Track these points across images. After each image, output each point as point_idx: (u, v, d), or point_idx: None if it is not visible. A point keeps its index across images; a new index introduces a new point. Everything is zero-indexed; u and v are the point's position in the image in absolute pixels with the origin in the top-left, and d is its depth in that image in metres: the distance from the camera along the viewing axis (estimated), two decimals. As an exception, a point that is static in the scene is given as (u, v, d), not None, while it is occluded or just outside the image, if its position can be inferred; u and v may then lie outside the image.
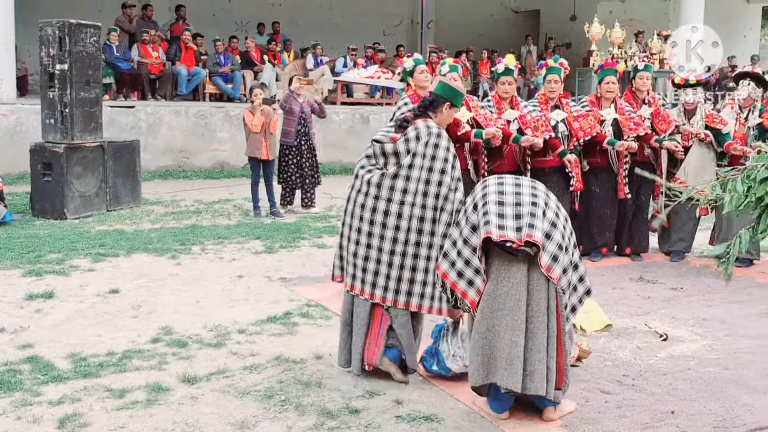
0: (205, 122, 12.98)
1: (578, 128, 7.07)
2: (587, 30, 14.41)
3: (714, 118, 7.26)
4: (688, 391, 4.21)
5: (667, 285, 6.44)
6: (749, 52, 20.20)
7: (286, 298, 5.90)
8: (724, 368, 4.57)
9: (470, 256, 3.76)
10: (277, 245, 7.70)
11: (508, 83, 6.84)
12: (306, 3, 18.65)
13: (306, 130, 9.53)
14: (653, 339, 5.04)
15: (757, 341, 5.05)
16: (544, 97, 7.18)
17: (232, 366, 4.47)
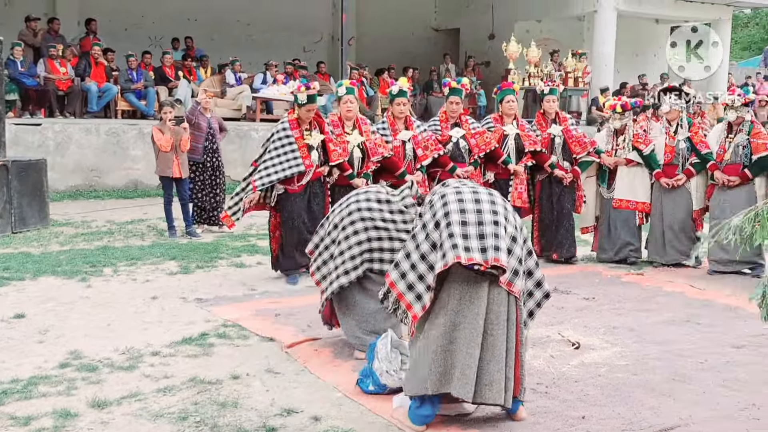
0: (117, 140, 12.64)
1: (475, 144, 7.60)
2: (505, 49, 14.78)
3: (639, 138, 7.68)
4: (598, 396, 4.33)
5: (580, 295, 6.61)
6: (659, 71, 20.92)
7: (202, 319, 5.79)
8: (632, 374, 4.71)
9: (425, 272, 3.81)
10: (193, 265, 7.57)
11: (402, 104, 7.30)
12: (223, 18, 18.43)
13: (214, 146, 9.37)
14: (566, 348, 5.16)
15: (663, 347, 5.23)
16: (445, 115, 7.67)
17: (145, 389, 4.36)
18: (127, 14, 17.06)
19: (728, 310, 6.28)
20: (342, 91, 7.08)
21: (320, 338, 5.30)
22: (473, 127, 7.71)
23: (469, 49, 20.81)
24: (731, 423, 4.02)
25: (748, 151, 7.17)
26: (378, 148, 7.10)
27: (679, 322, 5.88)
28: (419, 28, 21.95)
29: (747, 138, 7.18)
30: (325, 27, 20.43)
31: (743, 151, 7.17)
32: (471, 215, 3.82)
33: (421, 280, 3.81)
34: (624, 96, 12.92)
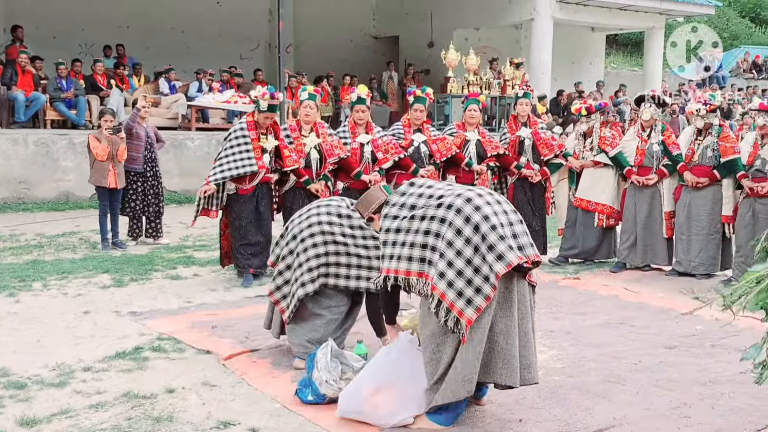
0: (46, 151, 12.32)
1: (436, 150, 7.86)
2: (444, 57, 14.88)
3: (605, 140, 7.97)
4: (535, 399, 4.37)
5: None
6: (595, 79, 21.47)
7: (136, 333, 5.66)
8: (569, 376, 4.78)
9: (472, 275, 3.81)
10: (127, 278, 7.41)
11: (361, 111, 7.61)
12: (157, 25, 18.14)
13: (153, 156, 9.24)
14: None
15: (598, 350, 5.32)
16: (409, 121, 7.95)
17: (76, 405, 4.23)
18: (56, 21, 16.69)
19: (661, 312, 6.42)
20: (304, 96, 7.40)
21: (258, 349, 5.24)
22: (434, 134, 8.04)
23: (408, 57, 20.96)
24: (664, 422, 4.09)
25: (717, 154, 7.37)
26: (334, 150, 7.41)
27: (614, 325, 6.00)
28: (358, 36, 22.01)
29: (716, 141, 7.38)
30: (262, 34, 20.31)
31: (712, 154, 7.37)
32: (503, 217, 3.93)
33: (469, 285, 3.81)
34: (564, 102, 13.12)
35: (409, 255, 3.94)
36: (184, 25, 18.62)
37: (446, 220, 3.89)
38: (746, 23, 33.90)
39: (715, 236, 7.50)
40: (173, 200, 12.63)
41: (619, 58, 31.23)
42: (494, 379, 3.93)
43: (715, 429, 4.01)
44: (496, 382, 3.95)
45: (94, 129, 12.49)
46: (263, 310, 6.17)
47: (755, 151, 7.15)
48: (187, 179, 13.32)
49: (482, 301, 3.78)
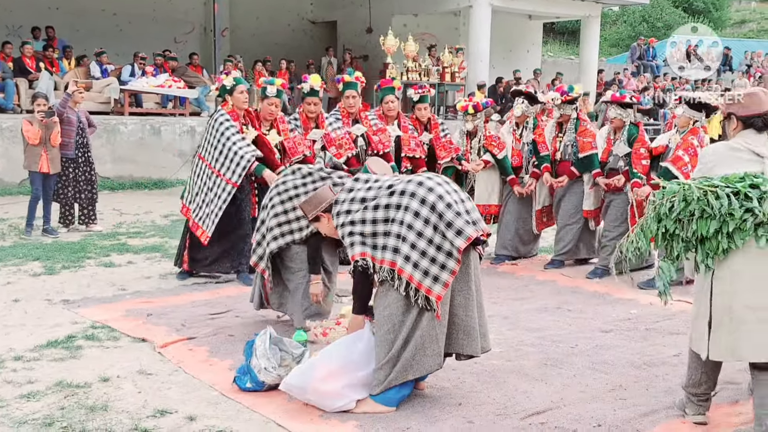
0: None
1: (378, 141, 7.42)
2: (382, 43, 14.85)
3: (492, 141, 7.70)
4: (474, 383, 4.43)
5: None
6: (532, 67, 21.72)
7: (69, 321, 5.53)
8: (507, 360, 4.84)
9: (436, 254, 3.92)
10: (59, 266, 7.23)
11: (313, 103, 7.18)
12: (88, 7, 17.66)
13: (85, 141, 9.02)
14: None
15: (536, 334, 5.41)
16: (345, 111, 7.47)
17: (7, 395, 4.13)
18: (-18, 2, 16.12)
19: (596, 297, 6.52)
20: (271, 92, 6.80)
21: (195, 337, 5.18)
22: (373, 124, 7.56)
23: (347, 43, 20.87)
24: (600, 404, 4.16)
25: (576, 149, 7.27)
26: (298, 147, 6.97)
27: (551, 309, 6.09)
28: (295, 21, 21.83)
29: (575, 136, 7.29)
30: (197, 18, 19.96)
31: (571, 150, 7.32)
32: (454, 195, 4.04)
33: (433, 263, 3.90)
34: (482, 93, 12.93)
35: (373, 243, 4.01)
36: (116, 7, 18.18)
37: (401, 205, 3.98)
38: (680, 13, 34.60)
39: (575, 226, 7.44)
40: (106, 186, 12.34)
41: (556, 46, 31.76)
42: (456, 350, 4.10)
43: (649, 410, 4.10)
44: (459, 353, 4.11)
45: (22, 113, 12.17)
46: (199, 298, 6.15)
47: (608, 147, 7.05)
48: (120, 165, 13.07)
49: (449, 277, 3.92)
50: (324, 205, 4.32)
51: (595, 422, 3.91)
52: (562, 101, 7.32)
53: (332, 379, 4.00)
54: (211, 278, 6.84)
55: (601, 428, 3.86)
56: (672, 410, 4.10)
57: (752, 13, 40.70)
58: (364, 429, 3.81)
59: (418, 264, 3.91)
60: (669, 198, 3.62)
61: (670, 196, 3.63)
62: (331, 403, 3.99)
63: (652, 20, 33.54)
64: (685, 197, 3.57)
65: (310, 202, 4.40)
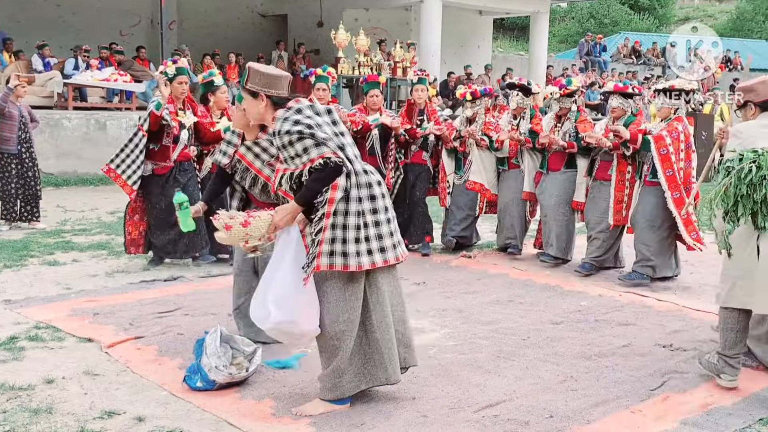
0: None
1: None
2: (334, 37, 14.74)
3: (489, 126, 7.75)
4: (428, 377, 4.42)
5: (411, 280, 6.69)
6: (483, 62, 21.87)
7: (10, 322, 5.38)
8: (460, 353, 4.85)
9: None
10: (0, 265, 7.04)
11: (322, 89, 7.34)
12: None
13: (27, 136, 8.85)
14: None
15: (489, 327, 5.43)
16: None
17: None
18: None
19: (548, 289, 6.56)
20: (219, 81, 7.19)
21: (143, 337, 5.08)
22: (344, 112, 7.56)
23: (297, 36, 20.76)
24: (552, 395, 4.21)
25: (575, 138, 7.22)
26: None
27: (503, 302, 6.11)
28: (245, 14, 21.62)
29: (574, 125, 7.28)
30: (144, 9, 19.62)
31: (570, 138, 7.26)
32: (385, 214, 3.84)
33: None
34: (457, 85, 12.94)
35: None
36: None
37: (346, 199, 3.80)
38: (626, 10, 35.34)
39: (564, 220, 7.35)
40: (50, 183, 12.08)
41: (506, 42, 32.05)
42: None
43: (600, 400, 4.15)
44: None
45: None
46: (147, 296, 6.05)
47: (606, 134, 6.98)
48: (63, 161, 12.79)
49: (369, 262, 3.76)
50: (276, 86, 3.91)
51: (548, 413, 3.95)
52: (561, 95, 7.35)
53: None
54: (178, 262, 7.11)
55: (553, 419, 3.89)
56: (623, 400, 4.16)
57: (695, 10, 41.80)
58: (318, 427, 3.78)
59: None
60: (747, 163, 4.00)
61: (748, 162, 4.00)
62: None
63: (600, 17, 34.12)
64: (759, 163, 3.98)
65: (269, 74, 3.93)
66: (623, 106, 6.93)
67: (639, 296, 6.37)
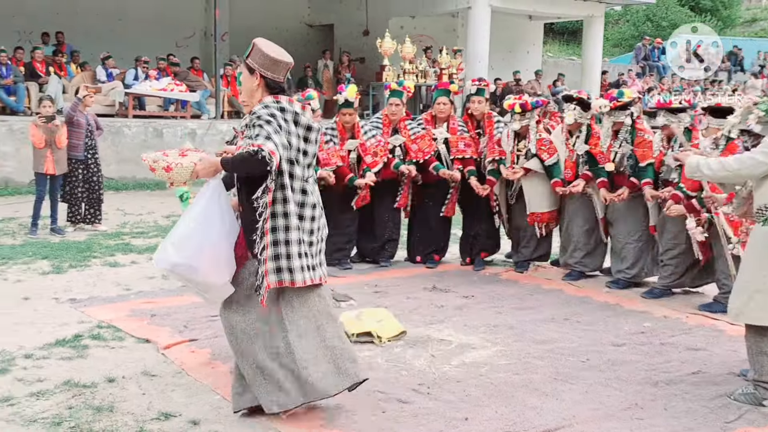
0: None
1: (417, 150, 7.36)
2: (379, 45, 14.80)
3: (543, 144, 7.13)
4: (480, 397, 4.27)
5: (459, 293, 6.59)
6: (533, 68, 21.33)
7: (75, 320, 5.55)
8: (514, 373, 4.65)
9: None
10: (66, 265, 7.26)
11: (349, 114, 7.24)
12: (95, 12, 17.69)
13: (93, 143, 9.18)
14: (446, 347, 5.14)
15: (544, 346, 5.19)
16: (387, 118, 7.49)
17: (18, 393, 4.15)
18: (-5, 8, 16.16)
19: (606, 308, 6.26)
20: (315, 105, 7.15)
21: (197, 339, 5.17)
22: (413, 133, 7.46)
23: (343, 45, 20.79)
24: (615, 423, 3.97)
25: (633, 161, 6.67)
26: (331, 158, 7.10)
27: (559, 320, 5.85)
28: (293, 24, 21.80)
29: (631, 148, 6.67)
30: (198, 22, 19.98)
31: (628, 162, 6.69)
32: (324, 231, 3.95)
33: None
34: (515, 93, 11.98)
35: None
36: (121, 12, 18.21)
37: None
38: (686, 12, 32.49)
39: (638, 244, 6.88)
40: (110, 187, 12.39)
41: (556, 46, 31.12)
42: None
43: (669, 431, 3.92)
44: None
45: (32, 115, 12.34)
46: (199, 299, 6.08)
47: (660, 157, 6.50)
48: (123, 166, 13.17)
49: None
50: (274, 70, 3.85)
51: (611, 443, 3.75)
52: (611, 108, 6.66)
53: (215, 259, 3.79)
54: None
55: (617, 450, 3.69)
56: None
57: (763, 11, 38.17)
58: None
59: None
60: None
61: None
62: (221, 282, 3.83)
63: (657, 19, 31.36)
64: None
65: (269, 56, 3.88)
66: (673, 123, 6.29)
67: (709, 319, 5.97)
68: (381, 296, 6.47)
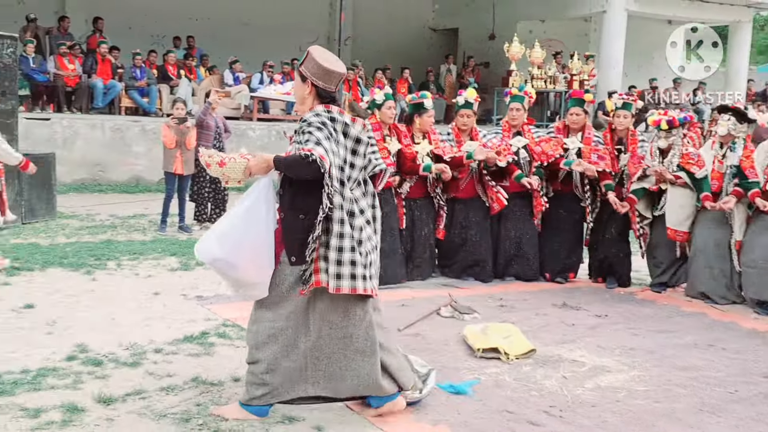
0: (121, 136, 12.73)
1: (540, 152, 7.14)
2: (507, 49, 14.52)
3: (690, 158, 6.76)
4: (618, 424, 4.04)
5: (591, 312, 6.32)
6: (670, 75, 20.28)
7: (202, 317, 5.65)
8: (655, 401, 4.40)
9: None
10: (193, 262, 7.39)
11: (467, 116, 7.13)
12: (223, 17, 18.36)
13: (221, 145, 9.43)
14: (579, 368, 4.91)
15: (687, 373, 4.89)
16: (508, 124, 7.32)
17: (149, 387, 4.24)
18: (131, 12, 17.09)
19: (755, 336, 5.85)
20: (429, 104, 7.04)
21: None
22: (537, 136, 7.28)
23: (467, 50, 20.66)
24: (770, 462, 3.70)
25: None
26: (446, 154, 7.02)
27: (703, 347, 5.49)
28: (416, 28, 21.88)
29: None
30: (322, 26, 20.37)
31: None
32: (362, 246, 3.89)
33: None
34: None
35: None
36: (249, 17, 18.77)
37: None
38: None
39: None
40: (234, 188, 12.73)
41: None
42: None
43: None
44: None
45: (163, 116, 12.90)
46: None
47: None
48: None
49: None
50: (326, 80, 3.80)
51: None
52: None
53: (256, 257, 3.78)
54: None
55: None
56: None
57: None
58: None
59: None
60: None
61: None
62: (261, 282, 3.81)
63: None
64: None
65: (322, 66, 3.81)
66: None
67: None
68: (507, 311, 6.27)
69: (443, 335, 5.44)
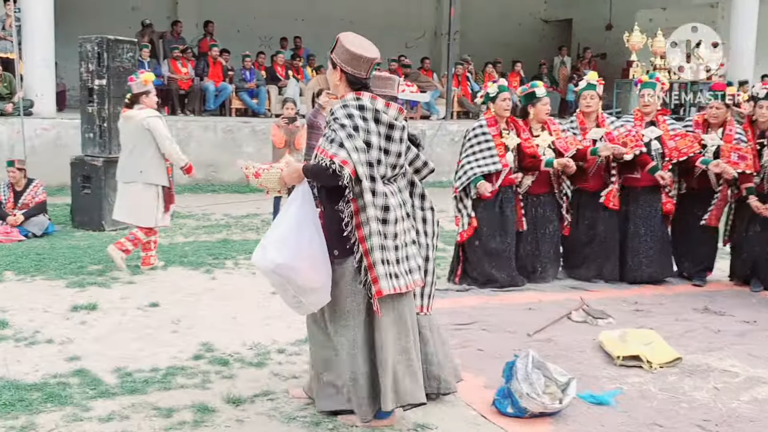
0: (232, 137, 12.93)
1: (673, 147, 6.75)
2: (627, 39, 13.90)
3: None
4: None
5: (738, 317, 5.89)
6: None
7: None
8: None
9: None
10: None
11: (590, 97, 6.79)
12: (329, 17, 18.37)
13: None
14: (731, 379, 4.56)
15: None
16: (639, 113, 6.93)
17: (275, 388, 4.25)
18: (239, 15, 17.41)
19: None
20: (542, 92, 6.75)
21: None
22: (672, 128, 6.87)
23: (582, 41, 20.15)
24: None
25: None
26: (569, 147, 6.70)
27: None
28: (527, 20, 21.51)
29: None
30: (428, 22, 20.24)
31: None
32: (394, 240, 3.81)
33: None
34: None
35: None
36: (354, 15, 18.73)
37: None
38: None
39: None
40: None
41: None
42: None
43: None
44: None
45: (272, 117, 13.03)
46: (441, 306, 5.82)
47: None
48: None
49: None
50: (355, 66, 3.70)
51: None
52: None
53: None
54: None
55: None
56: None
57: None
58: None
59: None
60: None
61: None
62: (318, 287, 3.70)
63: None
64: None
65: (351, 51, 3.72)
66: None
67: None
68: (643, 315, 5.91)
69: (577, 341, 5.18)
